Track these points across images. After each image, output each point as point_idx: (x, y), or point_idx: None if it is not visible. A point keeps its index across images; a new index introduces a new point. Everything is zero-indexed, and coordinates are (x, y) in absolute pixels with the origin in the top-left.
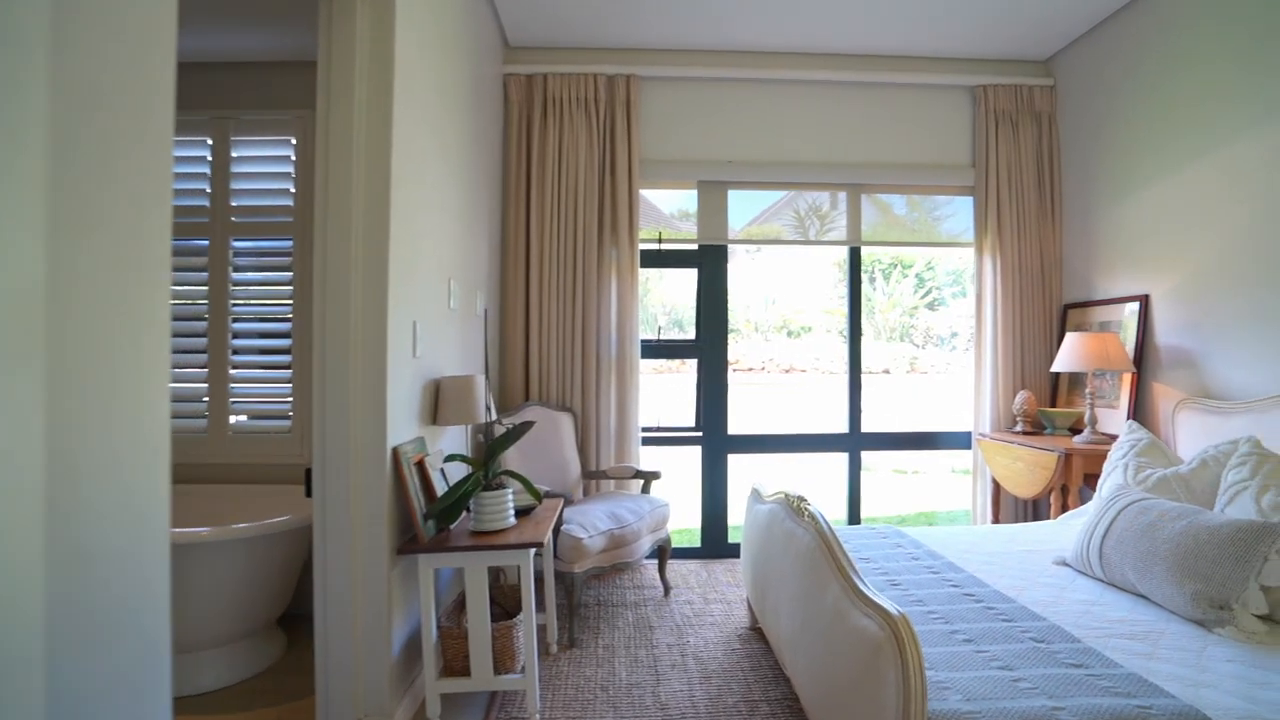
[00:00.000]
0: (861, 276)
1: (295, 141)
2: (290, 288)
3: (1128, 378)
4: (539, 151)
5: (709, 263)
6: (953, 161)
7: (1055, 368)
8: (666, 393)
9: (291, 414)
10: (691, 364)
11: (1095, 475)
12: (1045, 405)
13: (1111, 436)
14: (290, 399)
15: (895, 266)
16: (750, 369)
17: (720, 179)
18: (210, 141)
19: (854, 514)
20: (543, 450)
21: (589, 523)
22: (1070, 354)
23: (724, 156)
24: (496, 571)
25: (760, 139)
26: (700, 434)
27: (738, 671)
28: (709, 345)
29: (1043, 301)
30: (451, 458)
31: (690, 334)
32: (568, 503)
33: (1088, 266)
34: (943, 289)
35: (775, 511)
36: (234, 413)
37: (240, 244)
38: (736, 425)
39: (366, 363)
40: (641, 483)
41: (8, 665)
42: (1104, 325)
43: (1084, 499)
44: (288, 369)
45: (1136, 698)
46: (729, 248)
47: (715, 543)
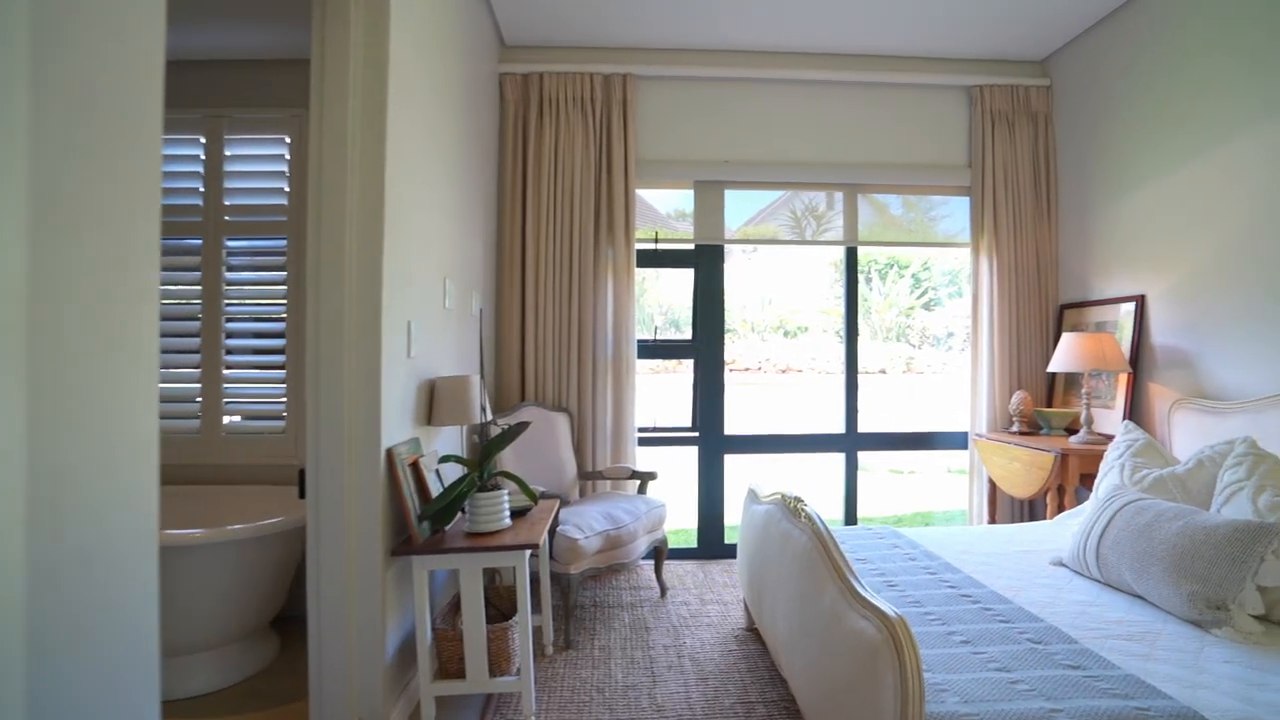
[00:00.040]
0: (858, 277)
1: (290, 140)
2: (284, 287)
3: (1123, 378)
4: (535, 151)
5: (705, 263)
6: (949, 162)
7: (1051, 368)
8: (663, 393)
9: (286, 414)
10: (688, 364)
11: (1091, 475)
12: (1041, 405)
13: (1107, 437)
14: (284, 399)
15: (892, 267)
16: (747, 369)
17: (717, 179)
18: (204, 140)
19: (850, 514)
20: (538, 451)
21: (585, 524)
22: (1066, 354)
23: (720, 156)
24: (492, 573)
25: (757, 139)
26: (697, 434)
27: (734, 673)
28: (705, 345)
29: (1039, 302)
30: (446, 459)
31: (687, 334)
32: (563, 503)
33: (1084, 267)
34: (939, 289)
35: (772, 512)
36: (228, 413)
37: (234, 243)
38: (733, 425)
39: (360, 363)
40: (638, 483)
41: None
42: (1100, 325)
43: (1080, 499)
44: (282, 369)
45: (1134, 699)
46: (725, 248)
47: (712, 543)
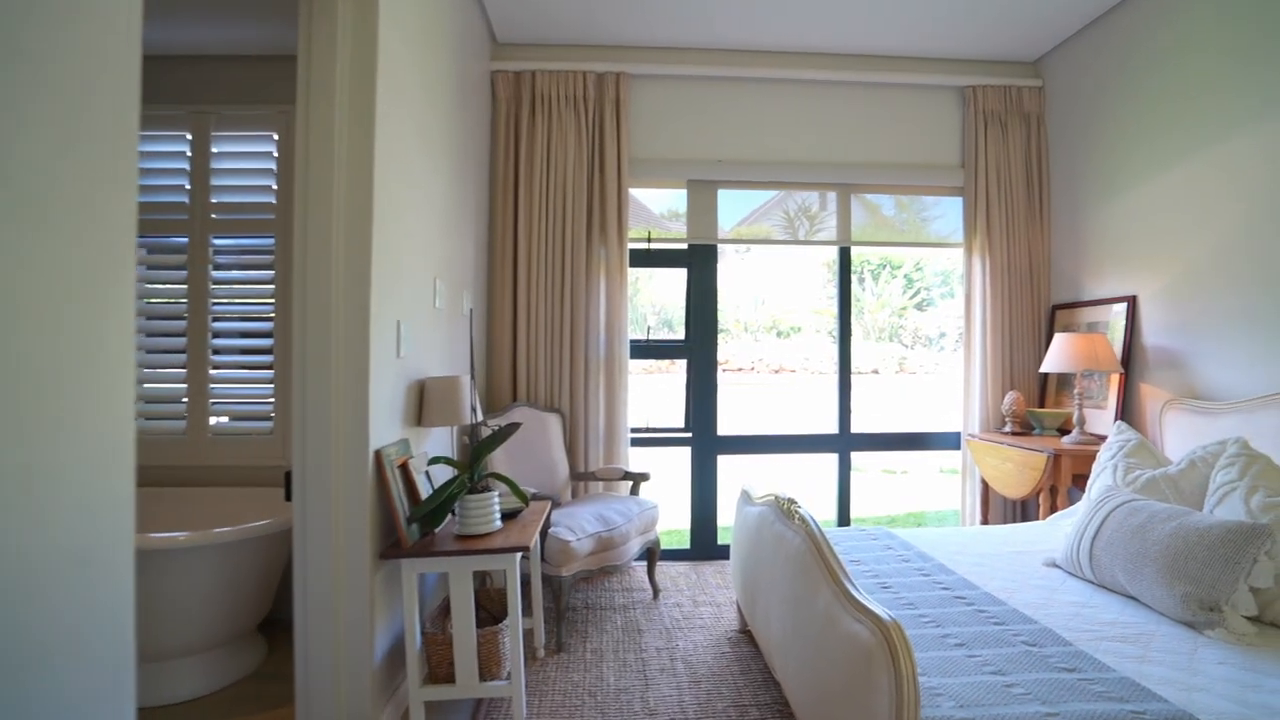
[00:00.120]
0: (851, 277)
1: (277, 137)
2: (272, 286)
3: (1115, 378)
4: (527, 149)
5: (698, 262)
6: (942, 162)
7: (1044, 368)
8: (656, 393)
9: (274, 415)
10: (681, 364)
11: (1084, 476)
12: (1034, 406)
13: (1100, 437)
14: (272, 400)
15: (884, 267)
16: (740, 369)
17: (710, 178)
18: (190, 136)
19: (844, 514)
20: (530, 452)
21: (577, 525)
22: (1058, 355)
23: (714, 156)
24: (482, 575)
25: (750, 138)
26: (690, 435)
27: (727, 675)
28: (698, 345)
29: (1031, 302)
30: (436, 460)
31: (680, 334)
32: (555, 505)
33: (1076, 267)
34: (931, 289)
35: (765, 514)
36: (214, 414)
37: (221, 241)
38: (726, 426)
39: (348, 363)
40: (630, 484)
41: None
42: (1092, 326)
43: (1072, 500)
44: (270, 369)
45: (1130, 702)
46: (719, 248)
47: (705, 545)
